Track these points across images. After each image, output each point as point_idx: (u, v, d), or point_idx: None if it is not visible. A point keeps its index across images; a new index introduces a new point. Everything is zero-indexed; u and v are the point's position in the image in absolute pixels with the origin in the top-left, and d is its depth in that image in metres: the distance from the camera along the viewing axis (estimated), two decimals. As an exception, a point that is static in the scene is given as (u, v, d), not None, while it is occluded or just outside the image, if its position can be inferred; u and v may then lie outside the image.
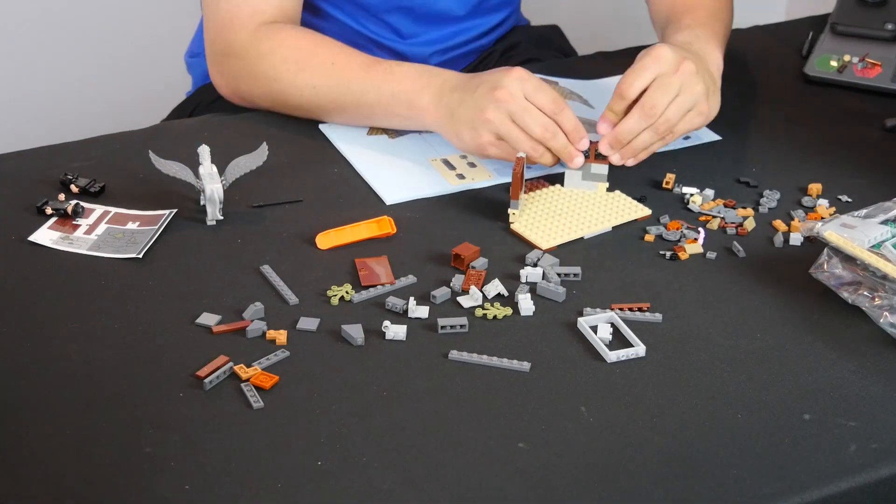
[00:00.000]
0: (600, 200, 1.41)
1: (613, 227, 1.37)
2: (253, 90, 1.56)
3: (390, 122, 1.52)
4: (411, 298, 1.23)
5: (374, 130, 1.55)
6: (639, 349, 1.19)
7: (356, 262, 1.30)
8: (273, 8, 1.55)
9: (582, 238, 1.36)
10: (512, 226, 1.37)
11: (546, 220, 1.38)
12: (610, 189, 1.42)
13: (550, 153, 1.41)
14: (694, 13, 1.59)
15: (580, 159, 1.40)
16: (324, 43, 1.54)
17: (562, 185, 1.43)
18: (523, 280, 1.28)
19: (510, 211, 1.37)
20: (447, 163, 1.49)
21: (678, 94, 1.39)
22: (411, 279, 1.29)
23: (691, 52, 1.45)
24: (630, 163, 1.42)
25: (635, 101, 1.39)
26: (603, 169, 1.39)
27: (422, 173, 1.47)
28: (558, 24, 1.97)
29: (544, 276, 1.28)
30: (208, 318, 1.22)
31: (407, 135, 1.54)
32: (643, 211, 1.38)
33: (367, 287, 1.27)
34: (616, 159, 1.41)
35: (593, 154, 1.39)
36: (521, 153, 1.37)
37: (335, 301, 1.25)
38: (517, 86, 1.38)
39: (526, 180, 1.43)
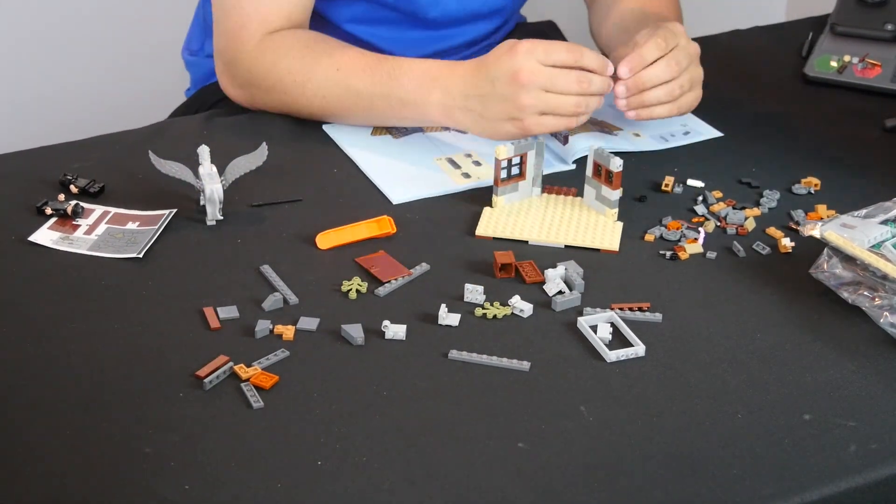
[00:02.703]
0: (588, 220, 1.38)
1: (566, 246, 1.35)
2: (265, 100, 1.56)
3: (402, 123, 1.54)
4: (443, 305, 1.23)
5: (378, 130, 1.55)
6: (638, 349, 1.19)
7: (363, 261, 1.30)
8: (281, 18, 1.54)
9: (527, 242, 1.35)
10: (486, 208, 1.40)
11: (515, 216, 1.38)
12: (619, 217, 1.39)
13: (594, 98, 1.42)
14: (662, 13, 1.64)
15: (622, 74, 1.43)
16: (326, 48, 1.53)
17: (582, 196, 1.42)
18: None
19: (493, 196, 1.40)
20: (452, 162, 1.49)
21: (690, 65, 1.47)
22: (425, 266, 1.30)
23: None
24: (632, 115, 1.45)
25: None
26: (613, 194, 1.37)
27: (427, 173, 1.47)
28: (554, 21, 1.97)
29: (566, 283, 1.28)
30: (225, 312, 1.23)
31: (411, 134, 1.54)
32: (611, 245, 1.34)
33: (387, 282, 1.27)
34: (623, 104, 1.45)
35: (605, 176, 1.38)
36: (498, 157, 1.37)
37: (353, 295, 1.25)
38: (532, 60, 1.39)
39: (554, 186, 1.43)
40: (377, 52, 1.54)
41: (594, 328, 1.22)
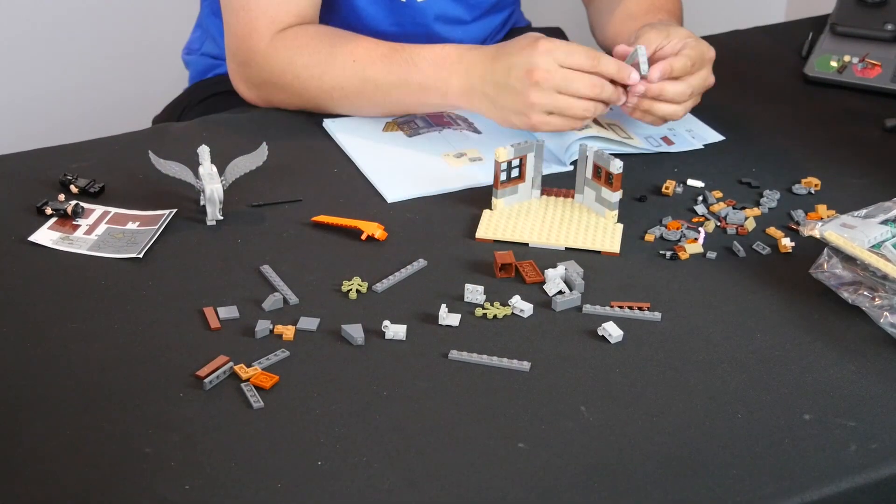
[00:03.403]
0: (588, 222, 1.38)
1: (567, 248, 1.35)
2: (282, 98, 1.56)
3: (423, 110, 1.54)
4: (443, 305, 1.23)
5: (389, 126, 1.54)
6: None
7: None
8: (291, 16, 1.54)
9: (527, 245, 1.35)
10: (485, 211, 1.39)
11: (515, 218, 1.38)
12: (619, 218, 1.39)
13: (604, 103, 1.43)
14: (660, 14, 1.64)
15: (636, 76, 1.43)
16: (340, 40, 1.53)
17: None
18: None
19: (493, 199, 1.39)
20: (463, 156, 1.49)
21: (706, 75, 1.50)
22: (422, 262, 1.30)
23: None
24: (631, 113, 1.47)
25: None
26: (613, 196, 1.37)
27: (427, 170, 1.47)
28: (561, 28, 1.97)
29: (566, 283, 1.28)
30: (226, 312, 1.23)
31: (426, 133, 1.54)
32: (612, 247, 1.34)
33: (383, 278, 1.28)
34: (633, 102, 1.45)
35: (605, 178, 1.38)
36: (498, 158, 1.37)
37: (353, 295, 1.25)
38: (550, 60, 1.40)
39: (552, 188, 1.43)
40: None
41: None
